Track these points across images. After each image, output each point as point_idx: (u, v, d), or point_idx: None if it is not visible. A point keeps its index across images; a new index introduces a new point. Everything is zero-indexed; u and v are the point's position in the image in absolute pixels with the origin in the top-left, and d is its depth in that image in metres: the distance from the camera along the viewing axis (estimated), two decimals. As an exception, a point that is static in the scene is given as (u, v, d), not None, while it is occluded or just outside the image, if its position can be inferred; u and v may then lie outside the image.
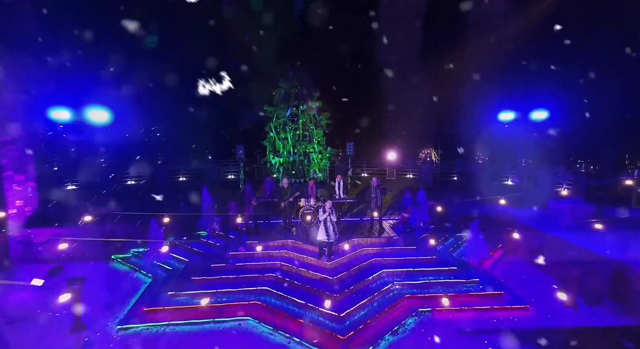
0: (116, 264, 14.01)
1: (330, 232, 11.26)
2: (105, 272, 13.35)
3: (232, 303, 10.42)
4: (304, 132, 20.05)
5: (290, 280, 11.07)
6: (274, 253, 12.33)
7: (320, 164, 20.31)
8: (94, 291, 11.78)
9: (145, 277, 12.74)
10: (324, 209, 11.25)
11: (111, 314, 10.46)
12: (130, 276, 13.00)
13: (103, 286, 12.29)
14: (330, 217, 11.24)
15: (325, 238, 11.30)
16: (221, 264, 11.77)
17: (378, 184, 13.49)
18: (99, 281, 12.62)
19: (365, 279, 11.15)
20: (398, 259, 12.25)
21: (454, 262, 12.52)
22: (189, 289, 10.90)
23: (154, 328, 9.72)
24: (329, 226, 11.25)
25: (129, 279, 12.71)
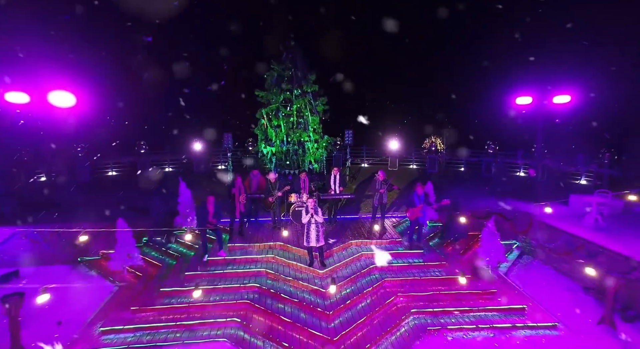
0: (82, 268, 12.36)
1: (314, 236, 9.58)
2: (68, 278, 11.70)
3: (206, 321, 8.78)
4: (298, 119, 18.25)
5: (276, 292, 9.41)
6: (259, 258, 10.67)
7: (317, 154, 18.53)
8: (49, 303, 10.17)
9: (113, 284, 11.10)
10: (307, 209, 9.56)
11: (63, 334, 8.84)
12: (96, 283, 11.36)
13: (61, 296, 10.63)
14: (315, 218, 9.54)
15: (308, 243, 9.63)
16: (197, 272, 10.10)
17: (384, 179, 11.76)
18: (57, 290, 10.97)
19: (365, 290, 9.51)
20: (402, 265, 10.58)
21: (466, 268, 10.86)
22: (156, 303, 9.26)
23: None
24: (314, 228, 9.56)
25: (94, 288, 11.04)
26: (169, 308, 9.15)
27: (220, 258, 10.55)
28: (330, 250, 10.69)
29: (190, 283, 9.87)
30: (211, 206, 10.35)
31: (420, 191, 10.89)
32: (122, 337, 8.48)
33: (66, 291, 10.93)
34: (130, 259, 11.11)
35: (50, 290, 11.03)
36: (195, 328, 8.73)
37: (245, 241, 11.24)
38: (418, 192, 10.89)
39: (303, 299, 9.09)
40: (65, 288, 11.11)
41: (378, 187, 11.74)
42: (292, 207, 12.26)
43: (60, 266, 12.40)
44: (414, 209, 10.89)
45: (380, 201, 11.81)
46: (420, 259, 10.83)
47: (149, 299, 9.47)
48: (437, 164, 21.72)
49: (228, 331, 8.62)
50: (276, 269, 10.20)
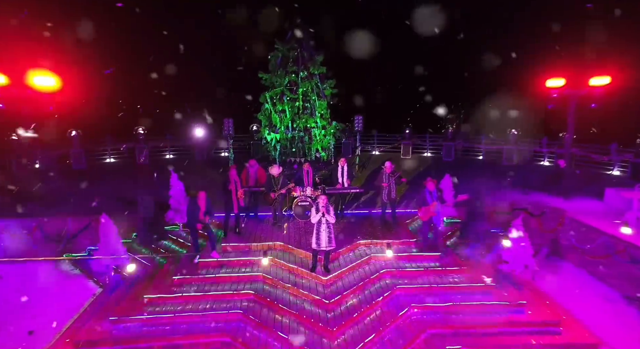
0: (67, 265, 11.38)
1: (325, 238, 8.39)
2: (50, 277, 10.72)
3: (191, 336, 7.70)
4: (304, 103, 16.93)
5: (274, 301, 8.30)
6: (255, 261, 9.52)
7: (324, 141, 17.26)
8: (23, 308, 9.23)
9: (97, 286, 10.10)
10: (317, 207, 8.35)
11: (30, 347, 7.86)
12: (79, 283, 10.37)
13: (38, 298, 9.68)
14: (326, 218, 8.34)
15: (318, 246, 8.45)
16: (186, 276, 9.01)
17: (392, 171, 10.48)
18: (36, 290, 10.03)
19: (374, 301, 8.33)
20: (417, 270, 9.36)
21: (489, 273, 9.61)
22: (139, 313, 8.21)
23: (81, 373, 7.08)
24: (324, 229, 8.36)
25: (75, 290, 10.06)
26: (152, 319, 8.09)
27: (213, 260, 9.43)
28: (336, 252, 9.49)
29: (179, 288, 8.81)
30: (202, 201, 9.22)
31: (432, 187, 9.58)
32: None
33: (45, 292, 9.97)
34: (115, 259, 10.05)
35: (28, 290, 10.16)
36: (180, 342, 7.67)
37: (242, 240, 10.11)
38: (429, 188, 9.59)
39: (303, 311, 7.96)
40: (45, 288, 10.17)
41: (386, 180, 10.47)
42: (295, 201, 11.07)
43: (43, 263, 11.45)
44: (427, 208, 9.60)
45: (389, 196, 10.55)
46: (437, 263, 9.60)
47: (131, 307, 8.42)
48: (453, 152, 20.29)
49: (217, 347, 7.54)
50: (275, 274, 9.07)
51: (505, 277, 9.81)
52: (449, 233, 11.39)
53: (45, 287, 10.20)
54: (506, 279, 9.68)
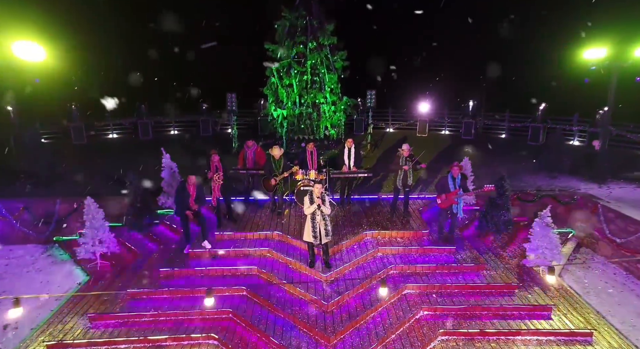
0: (57, 249, 10.77)
1: (321, 230, 7.43)
2: (37, 263, 10.13)
3: (175, 338, 6.95)
4: (313, 77, 15.71)
5: (268, 299, 7.46)
6: (251, 252, 8.67)
7: (334, 118, 16.11)
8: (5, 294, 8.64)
9: (83, 274, 9.44)
10: (310, 196, 7.36)
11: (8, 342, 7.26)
12: (65, 271, 9.73)
13: (22, 285, 9.10)
14: (322, 210, 7.35)
15: (315, 239, 7.50)
16: (173, 269, 8.22)
17: (410, 155, 9.36)
18: (20, 277, 9.45)
19: (379, 302, 7.40)
20: (429, 266, 8.36)
21: (512, 271, 8.57)
22: (119, 309, 7.49)
23: (51, 377, 6.42)
24: (319, 222, 7.40)
25: (61, 278, 9.43)
26: (134, 315, 7.36)
27: (204, 250, 8.60)
28: (340, 244, 8.55)
29: (165, 281, 8.05)
30: (192, 187, 8.30)
31: (457, 172, 8.45)
32: (71, 354, 6.79)
33: (30, 280, 9.39)
34: (102, 245, 9.34)
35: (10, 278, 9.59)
36: (163, 344, 6.95)
37: (237, 229, 9.24)
38: (453, 174, 8.45)
39: (299, 312, 7.09)
40: (30, 276, 9.58)
41: (402, 164, 9.36)
42: (298, 185, 10.10)
43: (32, 246, 10.89)
44: (449, 195, 8.50)
45: (404, 182, 9.46)
46: (452, 258, 8.57)
47: (113, 301, 7.71)
48: (473, 130, 18.88)
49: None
50: (271, 268, 8.20)
51: (528, 274, 8.78)
52: (466, 222, 10.31)
53: (30, 274, 9.62)
54: (530, 277, 8.66)
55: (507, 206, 9.65)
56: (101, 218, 9.32)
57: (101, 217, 9.32)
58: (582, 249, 10.54)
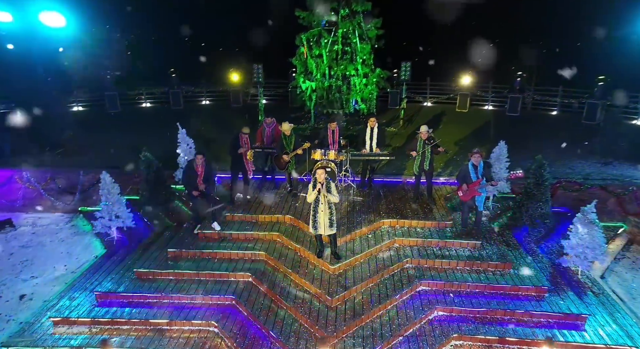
0: (81, 220, 10.98)
1: (324, 220, 6.91)
2: (61, 233, 10.37)
3: (176, 321, 6.82)
4: (344, 47, 14.76)
5: (272, 288, 7.14)
6: (260, 236, 8.33)
7: (365, 91, 15.18)
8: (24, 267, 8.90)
9: (101, 247, 9.55)
10: (314, 182, 6.82)
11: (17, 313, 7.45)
12: (85, 243, 9.89)
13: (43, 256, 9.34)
14: (326, 197, 6.80)
15: (315, 230, 7.02)
16: (181, 250, 8.05)
17: (429, 138, 8.52)
18: (41, 248, 9.70)
19: (388, 300, 6.88)
20: (449, 261, 7.68)
21: (544, 272, 7.74)
22: (125, 288, 7.45)
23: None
24: (323, 210, 6.87)
25: (80, 250, 9.60)
26: (138, 295, 7.30)
27: (213, 231, 8.36)
28: (352, 232, 8.01)
29: (173, 261, 7.92)
30: (200, 167, 7.98)
31: (478, 160, 7.56)
32: (76, 332, 6.83)
33: (52, 250, 9.62)
34: (118, 220, 9.35)
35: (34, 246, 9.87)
36: (164, 327, 6.84)
37: (249, 210, 8.91)
38: (474, 162, 7.58)
39: (302, 306, 6.73)
40: (52, 245, 9.82)
41: (418, 148, 8.56)
42: (316, 166, 9.55)
43: (59, 215, 11.16)
44: (471, 186, 7.67)
45: (421, 167, 8.67)
46: (476, 254, 7.83)
47: (120, 280, 7.69)
48: (520, 106, 17.33)
49: (202, 336, 6.64)
50: (279, 254, 7.85)
51: (564, 275, 7.91)
52: (498, 212, 9.41)
53: (52, 244, 9.86)
54: (565, 278, 7.79)
55: (544, 198, 8.68)
56: (117, 193, 9.27)
57: (117, 192, 9.27)
58: (633, 247, 9.42)
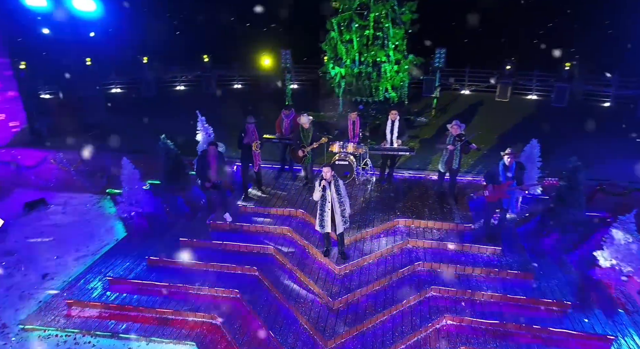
0: (108, 202, 11.34)
1: (329, 219, 6.66)
2: (88, 213, 10.77)
3: (181, 312, 6.89)
4: (375, 32, 14.13)
5: (275, 285, 7.04)
6: (271, 229, 8.22)
7: (395, 78, 14.56)
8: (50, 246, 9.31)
9: (122, 230, 9.85)
10: (320, 180, 6.56)
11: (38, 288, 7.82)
12: (109, 225, 10.24)
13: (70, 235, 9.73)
14: (331, 194, 6.54)
15: (322, 228, 6.79)
16: (192, 239, 8.11)
17: (460, 134, 7.98)
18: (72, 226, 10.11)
19: (394, 305, 6.59)
20: (464, 266, 7.25)
21: (571, 284, 7.14)
22: (136, 275, 7.60)
23: (64, 336, 6.74)
24: (330, 209, 6.61)
25: (104, 232, 9.94)
26: (147, 283, 7.43)
27: (225, 223, 8.34)
28: (363, 231, 7.73)
29: (184, 251, 7.98)
30: (213, 158, 7.91)
31: (510, 161, 6.99)
32: (87, 315, 7.06)
33: (78, 230, 10.01)
34: (138, 205, 9.53)
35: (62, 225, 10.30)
36: (170, 317, 6.94)
37: (262, 202, 8.81)
38: (506, 162, 7.01)
39: (303, 306, 6.58)
40: (79, 226, 10.20)
41: (450, 143, 8.03)
42: (333, 159, 9.30)
43: (88, 196, 11.57)
44: (498, 187, 7.13)
45: (449, 165, 8.16)
46: (495, 261, 7.35)
47: (131, 267, 7.85)
48: (567, 96, 16.06)
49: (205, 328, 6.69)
50: (287, 249, 7.72)
51: (593, 289, 7.27)
52: (526, 215, 8.78)
53: (79, 225, 10.24)
54: (596, 293, 7.17)
55: (578, 204, 7.96)
56: (137, 179, 9.43)
57: (137, 177, 9.43)
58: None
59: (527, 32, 17.46)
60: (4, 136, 11.74)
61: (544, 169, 8.76)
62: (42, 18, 11.87)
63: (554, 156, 9.63)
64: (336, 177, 6.66)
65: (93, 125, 13.59)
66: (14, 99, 11.69)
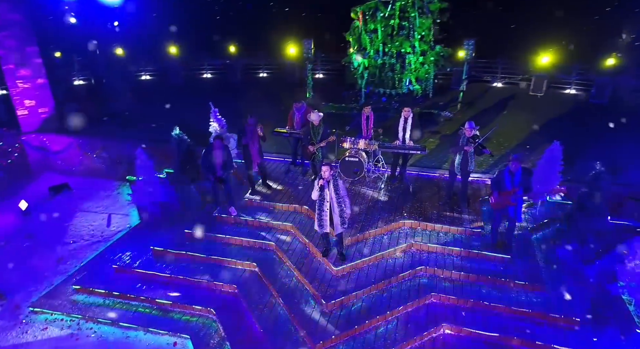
0: (126, 188, 11.66)
1: (327, 219, 6.50)
2: (107, 199, 11.12)
3: (180, 304, 7.00)
4: (401, 22, 13.63)
5: (273, 282, 7.01)
6: (275, 225, 8.17)
7: (420, 70, 14.07)
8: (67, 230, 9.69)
9: (136, 218, 10.09)
10: (319, 178, 6.39)
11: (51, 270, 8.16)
12: (125, 211, 10.54)
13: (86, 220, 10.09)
14: (329, 194, 6.36)
15: (321, 228, 6.65)
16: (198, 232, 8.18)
17: (474, 136, 7.56)
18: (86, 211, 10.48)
19: (390, 311, 6.40)
20: (468, 274, 6.94)
21: (584, 298, 6.70)
22: (141, 264, 7.78)
23: (68, 320, 7.01)
24: (328, 209, 6.45)
25: (120, 218, 10.25)
26: (150, 275, 7.58)
27: (229, 216, 8.37)
28: (365, 232, 7.52)
29: (189, 242, 8.09)
30: (219, 151, 7.90)
31: (515, 167, 6.56)
32: (92, 302, 7.31)
33: (95, 216, 10.37)
34: (151, 195, 9.72)
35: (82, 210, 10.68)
36: (169, 308, 7.08)
37: (268, 196, 8.76)
38: (511, 168, 6.58)
39: (297, 306, 6.51)
40: (97, 211, 10.55)
41: (462, 144, 7.63)
42: (343, 155, 9.10)
43: (109, 182, 11.93)
44: (504, 194, 6.73)
45: (462, 168, 7.77)
46: (501, 270, 6.98)
47: (137, 256, 8.04)
48: (609, 92, 14.97)
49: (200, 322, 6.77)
50: (288, 246, 7.66)
51: (612, 305, 6.78)
52: (544, 221, 8.27)
53: (97, 210, 10.60)
54: (612, 310, 6.68)
55: (600, 213, 7.41)
56: (151, 168, 9.59)
57: (150, 166, 9.58)
58: None
59: (572, 21, 16.27)
60: (34, 122, 12.22)
61: (567, 173, 8.19)
62: (69, 7, 12.20)
63: (586, 158, 9.01)
64: (335, 177, 6.47)
65: (114, 113, 13.88)
66: (43, 86, 12.11)
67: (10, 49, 11.26)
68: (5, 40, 11.07)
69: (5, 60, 11.30)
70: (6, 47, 11.17)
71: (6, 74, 11.47)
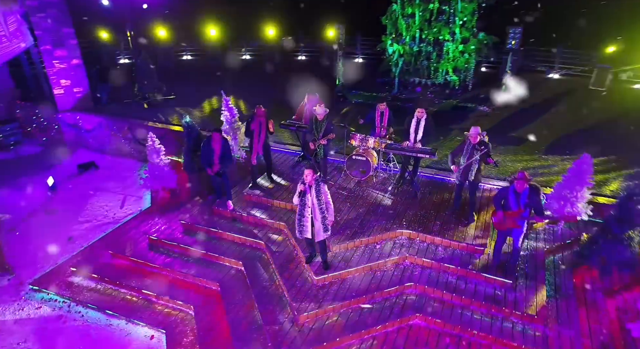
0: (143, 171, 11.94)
1: (308, 225, 6.10)
2: (127, 180, 11.44)
3: (164, 298, 7.03)
4: (441, 6, 12.53)
5: (254, 285, 6.81)
6: (269, 223, 7.91)
7: (459, 60, 12.94)
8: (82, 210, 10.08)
9: (149, 202, 10.29)
10: (302, 182, 5.99)
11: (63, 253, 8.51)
12: (140, 193, 10.79)
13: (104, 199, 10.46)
14: (311, 199, 5.94)
15: (300, 234, 6.26)
16: (192, 223, 8.15)
17: (480, 142, 6.73)
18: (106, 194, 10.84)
19: (367, 329, 5.96)
20: (462, 296, 6.28)
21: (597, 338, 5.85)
22: (133, 253, 7.90)
23: (61, 302, 7.29)
24: (309, 215, 6.04)
25: (134, 200, 10.53)
26: (142, 263, 7.67)
27: (226, 210, 8.23)
28: (356, 240, 7.04)
29: (183, 234, 8.09)
30: (217, 144, 7.72)
31: (521, 186, 5.72)
32: (85, 285, 7.55)
33: (113, 196, 10.71)
34: (161, 180, 9.84)
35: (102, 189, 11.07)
36: (153, 300, 7.14)
37: (268, 192, 8.50)
38: (517, 188, 5.75)
39: (271, 314, 6.25)
40: (115, 191, 10.89)
41: (467, 152, 6.83)
42: (351, 153, 8.59)
43: (133, 162, 12.27)
44: (508, 214, 5.94)
45: (465, 177, 6.98)
46: (500, 296, 6.25)
47: (135, 243, 8.17)
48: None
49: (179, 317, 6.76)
50: (276, 247, 7.38)
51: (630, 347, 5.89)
52: (567, 242, 7.31)
53: (116, 191, 10.94)
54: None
55: (629, 241, 6.37)
56: (161, 154, 9.67)
57: (161, 153, 9.66)
58: None
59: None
60: (69, 101, 12.78)
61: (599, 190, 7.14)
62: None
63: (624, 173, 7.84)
64: (318, 182, 6.04)
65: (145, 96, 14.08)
66: (78, 66, 12.57)
67: (47, 30, 11.72)
68: (42, 21, 11.52)
69: (43, 41, 11.79)
70: (43, 28, 11.63)
71: (44, 54, 11.98)
